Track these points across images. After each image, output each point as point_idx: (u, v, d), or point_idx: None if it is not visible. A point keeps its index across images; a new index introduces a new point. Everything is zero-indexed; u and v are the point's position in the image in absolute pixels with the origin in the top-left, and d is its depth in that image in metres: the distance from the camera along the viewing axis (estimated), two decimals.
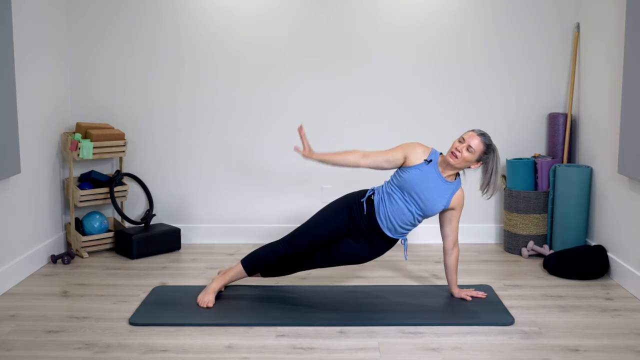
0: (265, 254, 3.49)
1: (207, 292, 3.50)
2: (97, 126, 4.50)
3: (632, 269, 3.72)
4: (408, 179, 3.38)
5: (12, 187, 3.83)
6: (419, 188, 3.37)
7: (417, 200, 3.38)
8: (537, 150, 4.72)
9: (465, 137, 3.38)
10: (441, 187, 3.40)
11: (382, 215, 3.41)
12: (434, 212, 3.42)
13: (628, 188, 3.81)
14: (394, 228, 3.42)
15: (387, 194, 3.43)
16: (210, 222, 4.81)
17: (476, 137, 3.37)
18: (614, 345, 3.01)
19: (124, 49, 4.64)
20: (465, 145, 3.35)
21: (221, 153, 4.74)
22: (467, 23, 4.62)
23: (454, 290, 3.61)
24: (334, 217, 3.47)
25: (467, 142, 3.35)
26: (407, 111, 4.68)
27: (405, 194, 3.39)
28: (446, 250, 3.56)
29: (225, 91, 4.67)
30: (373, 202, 3.44)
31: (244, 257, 3.55)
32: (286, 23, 4.62)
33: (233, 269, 3.55)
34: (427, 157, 3.42)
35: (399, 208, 3.39)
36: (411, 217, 3.41)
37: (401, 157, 3.44)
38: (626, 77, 3.69)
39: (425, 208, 3.39)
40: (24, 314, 3.37)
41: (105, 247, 4.54)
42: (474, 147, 3.35)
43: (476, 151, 3.36)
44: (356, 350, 2.95)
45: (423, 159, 3.42)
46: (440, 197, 3.39)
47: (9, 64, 3.65)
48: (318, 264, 3.54)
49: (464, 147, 3.35)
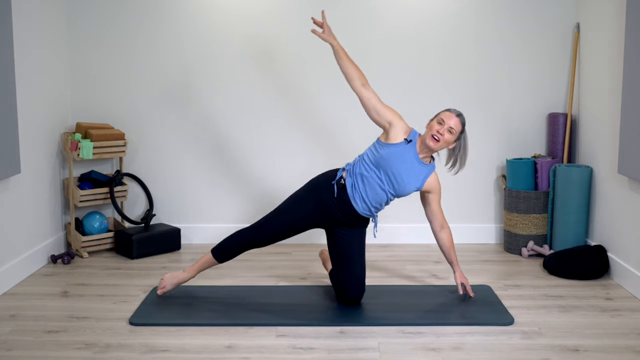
0: (233, 243, 3.49)
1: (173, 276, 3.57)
2: (97, 126, 4.50)
3: (632, 269, 3.72)
4: (387, 156, 3.34)
5: (12, 187, 3.83)
6: (396, 167, 3.33)
7: (392, 179, 3.35)
8: (537, 150, 4.72)
9: (444, 119, 3.35)
10: (417, 169, 3.38)
11: (357, 199, 3.37)
12: (406, 193, 3.40)
13: (628, 188, 3.81)
14: (368, 208, 3.40)
15: (360, 176, 3.37)
16: (210, 222, 4.81)
17: (454, 117, 3.36)
18: (614, 345, 3.01)
19: (124, 49, 4.64)
20: (446, 127, 3.33)
21: (221, 153, 4.74)
22: (467, 23, 4.62)
23: (456, 271, 3.59)
24: (301, 206, 3.44)
25: (448, 124, 3.33)
26: (407, 111, 4.66)
27: (382, 173, 3.35)
28: (435, 233, 3.57)
29: (226, 91, 4.67)
30: (345, 186, 3.39)
31: (214, 247, 3.56)
32: (287, 23, 4.62)
33: (204, 257, 3.58)
34: (407, 136, 3.39)
35: (372, 189, 3.35)
36: (385, 196, 3.38)
37: (388, 119, 3.38)
38: (626, 77, 3.69)
39: (399, 188, 3.36)
40: (24, 314, 3.37)
41: (105, 247, 4.54)
42: (454, 127, 3.34)
43: (456, 131, 3.36)
44: (356, 350, 2.95)
45: (403, 137, 3.38)
46: (414, 179, 3.38)
47: (9, 64, 3.65)
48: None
49: (444, 129, 3.33)
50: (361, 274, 3.46)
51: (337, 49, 3.44)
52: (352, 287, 3.44)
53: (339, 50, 3.44)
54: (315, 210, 3.42)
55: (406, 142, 3.36)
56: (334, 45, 3.45)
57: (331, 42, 3.45)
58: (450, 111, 3.38)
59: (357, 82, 3.41)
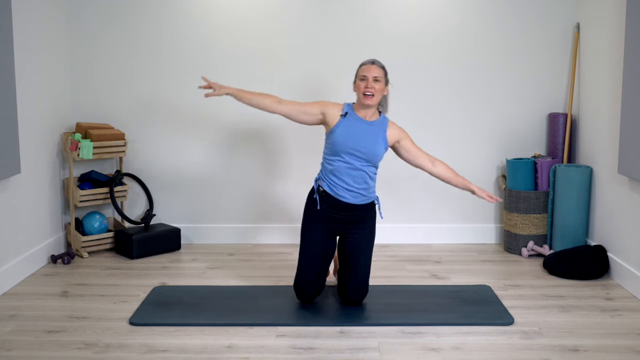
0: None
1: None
2: (97, 126, 4.50)
3: (632, 269, 3.72)
4: (337, 140, 3.36)
5: (12, 187, 3.83)
6: (352, 142, 3.34)
7: (357, 154, 3.35)
8: (537, 150, 4.72)
9: (365, 73, 3.37)
10: (370, 131, 3.38)
11: (342, 192, 3.37)
12: (379, 155, 3.39)
13: (628, 188, 3.81)
14: (359, 193, 3.39)
15: (329, 173, 3.39)
16: (210, 222, 4.81)
17: (372, 66, 3.38)
18: (614, 345, 3.01)
19: (124, 49, 4.64)
20: (371, 79, 3.35)
21: (222, 153, 4.74)
22: (468, 23, 4.62)
23: (474, 189, 3.48)
24: (312, 234, 3.44)
25: (371, 76, 3.35)
26: (407, 111, 4.68)
27: (344, 156, 3.35)
28: (431, 172, 3.50)
29: None
30: (325, 190, 3.40)
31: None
32: (288, 23, 4.62)
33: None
34: (342, 112, 3.41)
35: (347, 174, 3.36)
36: (362, 173, 3.37)
37: (318, 111, 3.42)
38: (626, 77, 3.69)
39: (369, 157, 3.36)
40: (24, 314, 3.37)
41: (105, 247, 4.54)
42: (378, 74, 3.36)
43: (382, 77, 3.37)
44: (356, 350, 2.95)
45: (339, 115, 3.40)
46: (374, 141, 3.37)
47: (9, 64, 3.65)
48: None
49: (370, 82, 3.35)
50: (365, 276, 3.46)
51: (236, 93, 3.44)
52: (354, 288, 3.44)
53: (239, 93, 3.44)
54: (324, 228, 3.44)
55: (343, 117, 3.39)
56: (231, 92, 3.43)
57: (227, 92, 3.43)
58: (365, 64, 3.41)
59: (273, 105, 3.44)
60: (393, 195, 4.75)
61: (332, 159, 3.39)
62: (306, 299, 3.47)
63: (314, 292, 3.47)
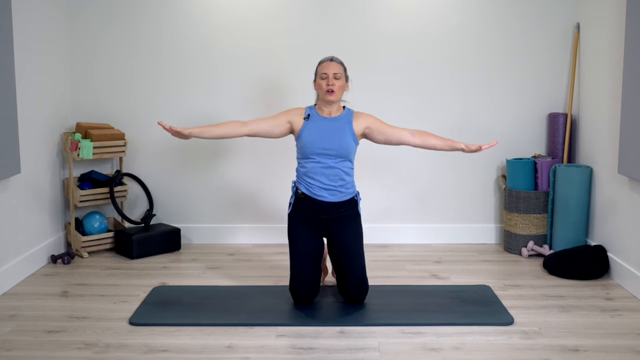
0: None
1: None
2: (97, 126, 4.50)
3: (632, 269, 3.72)
4: (305, 144, 3.39)
5: (12, 187, 3.83)
6: (319, 142, 3.37)
7: (327, 152, 3.37)
8: (537, 150, 4.72)
9: (325, 70, 3.39)
10: (337, 127, 3.41)
11: (319, 192, 3.39)
12: (350, 149, 3.40)
13: (628, 188, 3.81)
14: (336, 190, 3.40)
15: (304, 175, 3.42)
16: (210, 222, 4.81)
17: (332, 63, 3.41)
18: (614, 345, 3.01)
19: (124, 49, 4.64)
20: (331, 76, 3.37)
21: (222, 153, 4.74)
22: (468, 23, 4.62)
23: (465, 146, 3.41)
24: (298, 237, 3.45)
25: (331, 72, 3.38)
26: (408, 110, 4.68)
27: (315, 157, 3.38)
28: (414, 143, 3.46)
29: (226, 91, 4.67)
30: (303, 193, 3.42)
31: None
32: (288, 23, 4.62)
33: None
34: (304, 115, 3.44)
35: (321, 174, 3.38)
36: (336, 170, 3.39)
37: (285, 120, 3.44)
38: (626, 77, 3.69)
39: (339, 153, 3.37)
40: (24, 314, 3.37)
41: (105, 247, 4.54)
42: (337, 71, 3.39)
43: (341, 73, 3.40)
44: (356, 350, 2.95)
45: (302, 119, 3.43)
46: (342, 135, 3.39)
47: (9, 64, 3.65)
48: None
49: (331, 79, 3.37)
50: (361, 273, 3.46)
51: (197, 132, 3.38)
52: (354, 288, 3.45)
53: (199, 130, 3.38)
54: (307, 229, 3.45)
55: (307, 119, 3.42)
56: (192, 132, 3.36)
57: (189, 133, 3.35)
58: (324, 61, 3.44)
59: (239, 129, 3.43)
60: (393, 195, 4.75)
61: (304, 162, 3.43)
62: (303, 301, 3.47)
63: (310, 293, 3.47)
